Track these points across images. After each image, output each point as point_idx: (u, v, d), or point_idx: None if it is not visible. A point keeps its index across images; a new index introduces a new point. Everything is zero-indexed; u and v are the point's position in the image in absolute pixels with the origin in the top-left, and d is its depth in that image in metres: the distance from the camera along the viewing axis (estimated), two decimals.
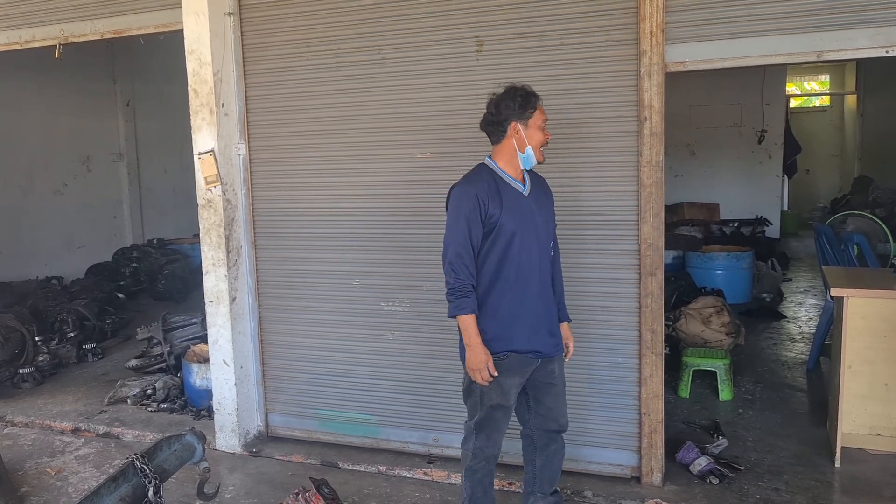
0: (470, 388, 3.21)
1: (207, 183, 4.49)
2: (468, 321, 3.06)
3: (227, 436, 4.66)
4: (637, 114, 3.77)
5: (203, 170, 4.49)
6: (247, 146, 4.61)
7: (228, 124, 4.53)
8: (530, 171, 3.29)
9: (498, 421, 3.22)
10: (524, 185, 3.20)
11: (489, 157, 3.23)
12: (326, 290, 4.55)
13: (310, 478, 3.66)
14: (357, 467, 4.36)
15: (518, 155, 3.15)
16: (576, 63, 3.88)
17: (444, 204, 3.12)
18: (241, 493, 4.12)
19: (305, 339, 4.64)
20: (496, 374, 3.08)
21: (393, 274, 4.38)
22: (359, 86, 4.34)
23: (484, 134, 3.19)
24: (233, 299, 4.58)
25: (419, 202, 4.26)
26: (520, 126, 3.12)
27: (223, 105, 4.48)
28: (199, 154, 4.49)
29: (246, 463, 4.53)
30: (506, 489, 3.97)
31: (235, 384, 4.60)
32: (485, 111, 3.20)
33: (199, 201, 4.55)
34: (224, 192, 4.50)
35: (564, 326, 3.39)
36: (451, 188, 3.18)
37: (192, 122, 4.50)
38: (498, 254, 3.09)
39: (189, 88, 4.49)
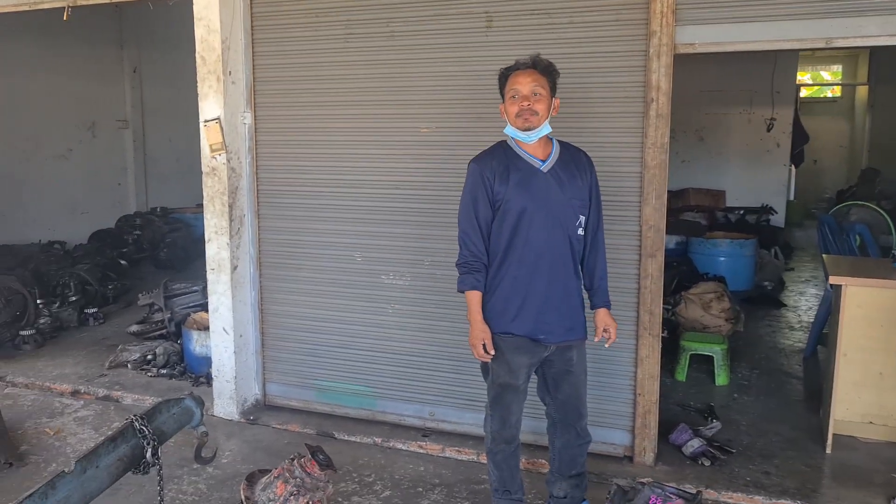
0: (484, 366, 3.23)
1: (212, 151, 4.49)
2: (470, 297, 3.11)
3: (224, 403, 4.70)
4: (644, 95, 3.75)
5: (208, 137, 4.49)
6: (253, 115, 4.60)
7: (235, 92, 4.52)
8: (566, 145, 3.22)
9: (509, 403, 3.18)
10: (544, 161, 3.11)
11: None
12: (328, 261, 4.57)
13: (305, 444, 3.68)
14: (353, 438, 4.40)
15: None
16: (585, 42, 3.86)
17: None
18: (238, 459, 4.17)
19: (306, 310, 4.66)
20: (493, 352, 3.08)
21: (395, 247, 4.39)
22: (366, 58, 4.33)
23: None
24: (234, 268, 4.60)
25: (423, 176, 4.26)
26: (503, 106, 3.14)
27: (230, 73, 4.47)
28: (206, 122, 4.48)
29: (243, 430, 4.57)
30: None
31: (235, 352, 4.64)
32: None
33: (204, 169, 4.55)
34: (229, 161, 4.50)
35: (603, 312, 3.26)
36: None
37: (199, 90, 4.49)
38: (507, 232, 3.07)
39: (197, 55, 4.48)
